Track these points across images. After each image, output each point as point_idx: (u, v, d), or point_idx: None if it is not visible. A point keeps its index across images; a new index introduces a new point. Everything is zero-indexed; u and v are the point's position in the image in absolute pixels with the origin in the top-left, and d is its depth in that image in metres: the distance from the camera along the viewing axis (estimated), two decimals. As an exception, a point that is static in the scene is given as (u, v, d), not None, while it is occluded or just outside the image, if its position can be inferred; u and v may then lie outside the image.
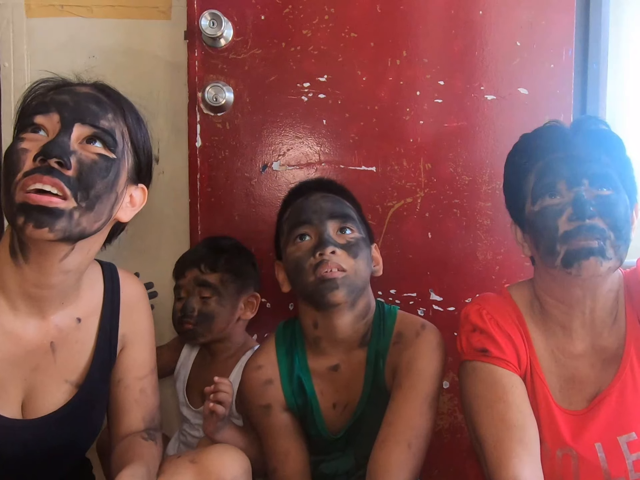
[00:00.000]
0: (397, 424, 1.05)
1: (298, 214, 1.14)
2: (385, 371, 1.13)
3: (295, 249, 1.11)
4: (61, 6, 1.48)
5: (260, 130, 1.41)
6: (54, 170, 0.84)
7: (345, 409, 1.15)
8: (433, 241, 1.42)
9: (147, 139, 1.00)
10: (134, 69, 1.48)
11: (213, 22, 1.32)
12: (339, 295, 1.06)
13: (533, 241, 1.02)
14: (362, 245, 1.12)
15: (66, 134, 0.87)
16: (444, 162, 1.41)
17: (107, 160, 0.90)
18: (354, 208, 1.18)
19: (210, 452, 0.97)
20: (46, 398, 0.96)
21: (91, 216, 0.88)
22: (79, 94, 0.92)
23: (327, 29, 1.39)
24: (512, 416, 0.97)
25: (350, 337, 1.13)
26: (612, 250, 0.94)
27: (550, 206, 0.97)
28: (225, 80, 1.39)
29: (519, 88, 1.40)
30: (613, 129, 1.06)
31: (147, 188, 1.01)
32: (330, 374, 1.16)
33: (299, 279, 1.10)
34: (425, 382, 1.07)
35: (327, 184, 1.22)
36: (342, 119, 1.40)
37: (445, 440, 1.44)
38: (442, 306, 1.42)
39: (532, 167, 1.02)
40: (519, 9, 1.39)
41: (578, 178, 0.97)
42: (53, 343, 0.96)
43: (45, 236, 0.84)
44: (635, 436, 0.97)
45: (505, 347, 1.01)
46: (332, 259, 1.07)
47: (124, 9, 1.48)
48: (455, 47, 1.40)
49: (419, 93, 1.40)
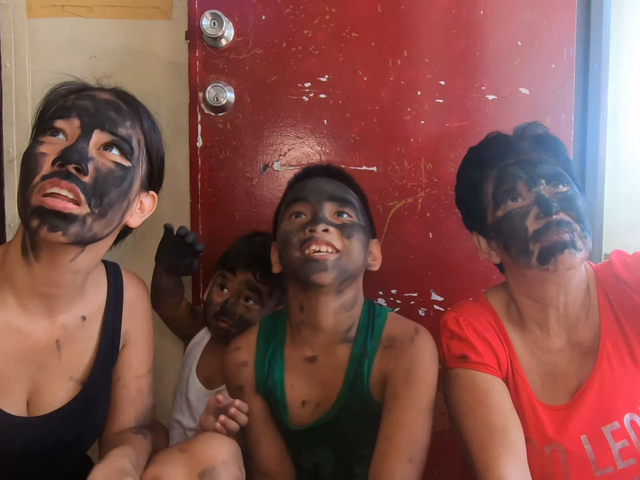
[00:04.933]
0: (397, 437, 1.02)
1: (296, 192, 1.12)
2: (372, 374, 1.08)
3: (287, 223, 1.09)
4: (62, 6, 1.48)
5: (261, 130, 1.41)
6: (72, 176, 0.86)
7: (316, 408, 1.11)
8: (434, 241, 1.42)
9: (161, 145, 1.02)
10: (135, 69, 1.48)
11: (214, 22, 1.33)
12: (327, 277, 1.02)
13: (502, 246, 1.04)
14: (359, 229, 1.08)
15: (85, 140, 0.89)
16: (445, 162, 1.41)
17: (122, 169, 0.91)
18: (359, 199, 1.15)
19: (198, 439, 0.99)
20: (51, 395, 0.97)
21: (103, 222, 0.90)
22: (100, 100, 0.94)
23: (328, 29, 1.39)
24: (494, 419, 0.99)
25: (333, 328, 1.09)
26: (581, 242, 0.98)
27: (515, 209, 1.01)
28: (226, 80, 1.39)
29: (520, 88, 1.40)
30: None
31: (157, 194, 1.03)
32: (305, 366, 1.12)
33: (285, 253, 1.07)
34: (424, 392, 1.05)
35: (334, 171, 1.18)
36: (343, 119, 1.40)
37: (445, 441, 1.44)
38: (443, 306, 1.42)
39: (487, 176, 1.06)
40: (520, 9, 1.39)
41: (535, 179, 1.01)
42: (59, 341, 0.97)
43: (59, 239, 0.86)
44: (619, 425, 0.99)
45: (484, 351, 1.04)
46: (323, 237, 1.03)
47: (125, 9, 1.48)
48: (457, 47, 1.40)
49: (420, 93, 1.40)
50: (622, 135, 1.56)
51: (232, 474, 0.96)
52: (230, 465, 0.96)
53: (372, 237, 1.17)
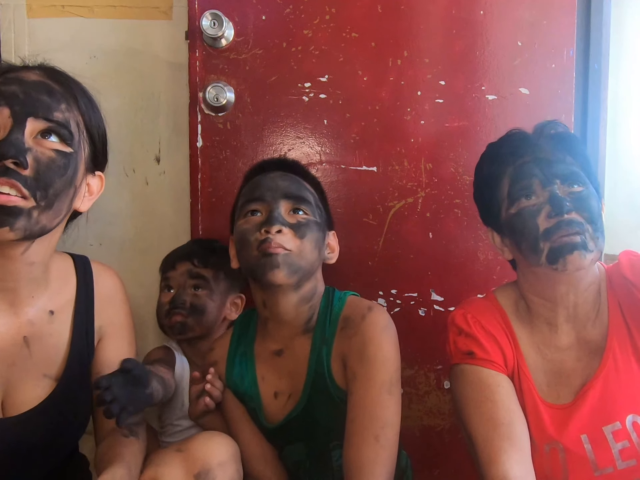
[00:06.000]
0: (360, 418, 1.02)
1: (253, 190, 1.12)
2: (332, 359, 1.09)
3: (244, 222, 1.10)
4: (62, 6, 1.48)
5: (261, 131, 1.41)
6: (10, 171, 0.81)
7: (289, 399, 1.13)
8: (434, 241, 1.42)
9: (101, 122, 0.97)
10: (135, 70, 1.48)
11: (214, 22, 1.32)
12: (280, 275, 1.04)
13: (514, 243, 1.05)
14: (313, 227, 1.09)
15: (19, 130, 0.83)
16: (445, 162, 1.41)
17: (64, 157, 0.87)
18: (315, 192, 1.16)
19: (196, 439, 0.98)
20: (26, 394, 0.95)
21: (50, 214, 0.87)
22: (28, 82, 0.87)
23: (328, 29, 1.39)
24: (499, 415, 1.00)
25: (294, 320, 1.11)
26: (592, 243, 0.98)
27: (527, 207, 1.01)
28: (226, 80, 1.39)
29: (520, 88, 1.40)
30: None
31: (103, 172, 0.99)
32: (273, 359, 1.14)
33: (243, 252, 1.09)
34: (379, 369, 1.03)
35: (290, 164, 1.19)
36: (343, 119, 1.40)
37: (445, 441, 1.44)
38: (443, 306, 1.42)
39: (503, 173, 1.06)
40: (520, 9, 1.39)
41: (550, 178, 1.01)
42: (26, 337, 0.95)
43: (6, 236, 0.83)
44: (620, 426, 0.99)
45: (491, 348, 1.04)
46: (276, 238, 1.04)
47: (125, 9, 1.48)
48: (457, 47, 1.40)
49: (420, 93, 1.40)
50: (622, 135, 1.57)
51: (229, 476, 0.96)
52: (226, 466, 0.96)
53: (330, 229, 1.18)
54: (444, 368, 1.41)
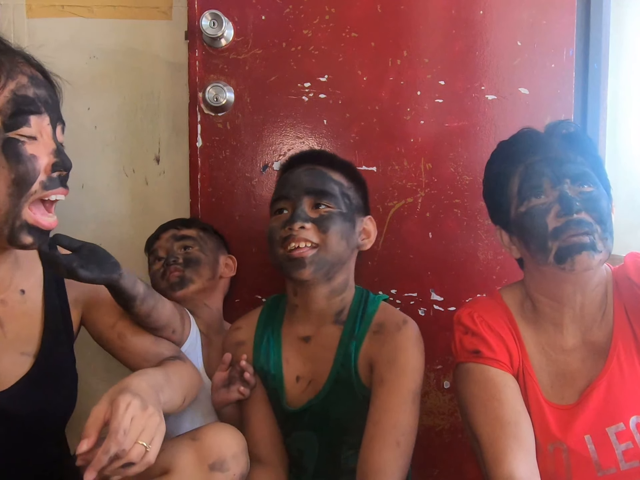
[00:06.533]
0: (383, 423, 1.05)
1: (280, 188, 1.18)
2: (359, 357, 1.13)
3: (273, 219, 1.16)
4: (62, 6, 1.48)
5: (261, 130, 1.41)
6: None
7: (309, 385, 1.16)
8: (434, 241, 1.42)
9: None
10: (134, 69, 1.49)
11: (214, 22, 1.33)
12: (306, 273, 1.09)
13: (522, 242, 1.05)
14: (337, 220, 1.12)
15: None
16: (445, 162, 1.41)
17: None
18: (344, 180, 1.18)
19: (210, 429, 0.99)
20: (2, 373, 0.97)
21: None
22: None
23: (328, 29, 1.39)
24: (505, 413, 0.99)
25: (325, 310, 1.16)
26: (601, 243, 0.98)
27: (537, 205, 1.01)
28: (226, 80, 1.39)
29: (519, 88, 1.40)
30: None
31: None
32: (300, 344, 1.18)
33: (271, 250, 1.15)
34: (408, 377, 1.08)
35: (315, 156, 1.22)
36: (342, 119, 1.40)
37: (445, 441, 1.44)
38: (442, 306, 1.42)
39: (514, 172, 1.06)
40: (519, 9, 1.39)
41: (560, 178, 1.01)
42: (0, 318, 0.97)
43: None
44: (624, 427, 0.99)
45: (497, 347, 1.04)
46: (300, 234, 1.09)
47: (124, 9, 1.48)
48: (456, 47, 1.40)
49: (419, 93, 1.40)
50: (622, 135, 1.56)
51: (240, 469, 0.98)
52: (239, 459, 0.98)
53: (365, 214, 1.20)
54: (444, 368, 1.41)
